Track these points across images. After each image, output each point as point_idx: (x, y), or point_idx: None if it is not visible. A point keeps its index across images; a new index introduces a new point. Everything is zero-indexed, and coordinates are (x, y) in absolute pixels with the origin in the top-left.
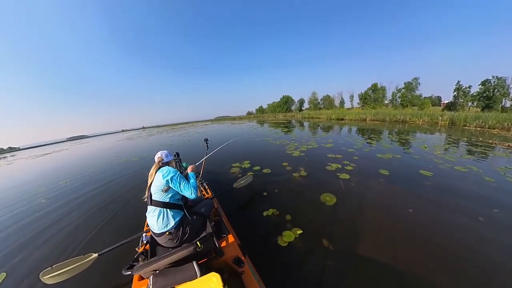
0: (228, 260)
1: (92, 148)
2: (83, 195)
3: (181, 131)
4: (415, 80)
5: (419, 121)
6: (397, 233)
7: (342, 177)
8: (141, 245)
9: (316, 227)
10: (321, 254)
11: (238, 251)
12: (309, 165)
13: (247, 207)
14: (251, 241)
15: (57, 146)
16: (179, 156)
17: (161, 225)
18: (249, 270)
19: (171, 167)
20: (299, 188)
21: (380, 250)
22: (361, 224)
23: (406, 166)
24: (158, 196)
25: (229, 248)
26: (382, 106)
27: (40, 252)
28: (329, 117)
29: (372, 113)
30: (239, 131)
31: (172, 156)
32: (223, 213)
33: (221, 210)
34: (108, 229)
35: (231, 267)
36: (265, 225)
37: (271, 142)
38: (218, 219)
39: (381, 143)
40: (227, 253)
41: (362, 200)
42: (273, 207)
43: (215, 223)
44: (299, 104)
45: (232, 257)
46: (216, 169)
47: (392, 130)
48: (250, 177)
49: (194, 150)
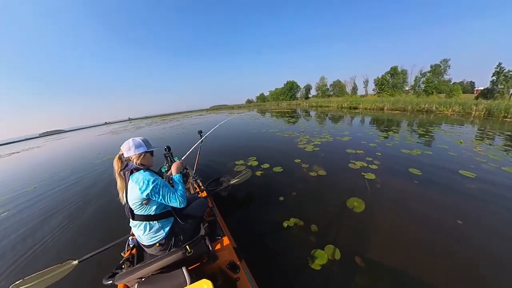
0: (222, 265)
1: (70, 145)
2: (59, 200)
3: (173, 122)
4: (444, 62)
5: (448, 111)
6: (445, 252)
7: (368, 177)
8: (127, 250)
9: (347, 240)
10: (351, 271)
11: (233, 255)
12: (327, 162)
13: (245, 206)
14: (247, 244)
15: (27, 143)
16: (170, 150)
17: (149, 238)
18: (245, 277)
19: (146, 167)
20: (320, 191)
21: (425, 273)
22: (397, 237)
23: (440, 164)
24: (140, 210)
25: (224, 252)
26: (401, 93)
27: (8, 264)
28: (340, 105)
29: (391, 101)
30: (239, 122)
31: (144, 146)
32: (218, 213)
33: (216, 209)
34: (91, 233)
35: (225, 273)
36: (288, 241)
37: (278, 134)
38: (212, 219)
39: (405, 137)
40: (221, 257)
41: (394, 207)
42: (295, 216)
43: (208, 224)
44: (305, 91)
45: (227, 262)
46: (213, 165)
47: (414, 121)
48: (249, 172)
49: (190, 143)
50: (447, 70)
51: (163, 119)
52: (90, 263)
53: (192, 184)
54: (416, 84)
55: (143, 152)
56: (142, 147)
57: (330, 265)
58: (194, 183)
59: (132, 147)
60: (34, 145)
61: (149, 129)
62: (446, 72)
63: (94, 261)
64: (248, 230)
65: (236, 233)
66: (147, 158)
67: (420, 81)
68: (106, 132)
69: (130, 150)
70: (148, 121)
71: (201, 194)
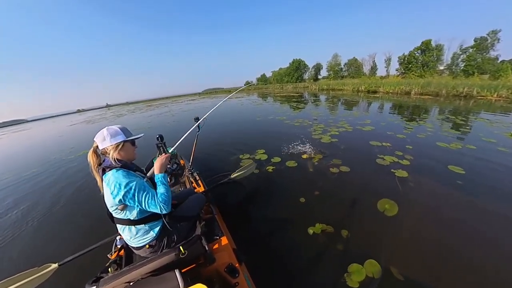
0: (219, 268)
1: (35, 137)
2: (30, 203)
3: (161, 109)
4: (493, 35)
5: (492, 96)
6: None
7: (398, 174)
8: (114, 251)
9: (384, 251)
10: (383, 280)
11: (232, 257)
12: (348, 156)
13: (247, 203)
14: (248, 246)
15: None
16: (163, 139)
17: (137, 241)
18: (245, 283)
19: (124, 163)
20: (345, 191)
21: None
22: (439, 247)
23: (488, 162)
24: (119, 215)
25: (222, 254)
26: (433, 74)
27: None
28: (356, 88)
29: (420, 84)
30: (241, 109)
31: (123, 134)
32: (216, 211)
33: (215, 207)
34: (72, 234)
35: (223, 277)
36: (318, 253)
37: (287, 122)
38: (210, 217)
39: (441, 127)
40: (219, 259)
41: (432, 211)
42: (321, 221)
43: (206, 223)
44: (315, 71)
45: (225, 265)
46: (213, 159)
47: (449, 108)
48: (253, 165)
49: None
50: (495, 44)
51: (148, 105)
52: (72, 266)
53: (188, 178)
54: (453, 62)
55: (121, 142)
56: (119, 135)
57: (369, 281)
58: (190, 177)
59: (107, 137)
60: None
61: (132, 117)
62: (493, 47)
63: (77, 264)
64: (250, 231)
65: (236, 234)
66: (126, 149)
67: (459, 58)
68: (80, 122)
69: (105, 140)
70: (131, 108)
71: (198, 189)
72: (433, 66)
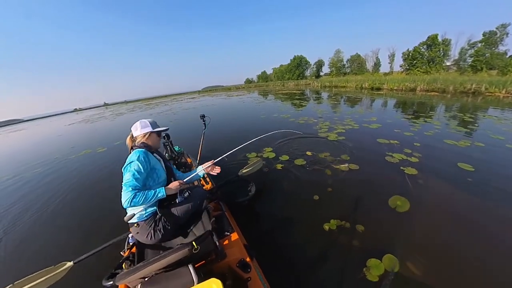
0: (231, 264)
1: (33, 137)
2: (41, 202)
3: (161, 107)
4: (502, 29)
5: (501, 93)
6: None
7: (408, 172)
8: (126, 248)
9: (400, 246)
10: (401, 274)
11: (244, 253)
12: (356, 154)
13: (258, 201)
14: (260, 241)
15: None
16: (170, 138)
17: (129, 209)
18: (256, 277)
19: (150, 148)
20: (357, 188)
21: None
22: (452, 243)
23: (499, 159)
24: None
25: (233, 250)
26: (440, 70)
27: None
28: (359, 85)
29: (425, 80)
30: (243, 107)
31: (150, 126)
32: (226, 208)
33: (224, 204)
34: (86, 233)
35: (235, 272)
36: (335, 248)
37: (291, 120)
38: (220, 214)
39: (448, 124)
40: (230, 255)
41: (443, 209)
42: (335, 217)
43: (216, 219)
44: (316, 68)
45: (237, 260)
46: (219, 155)
47: (456, 105)
48: (259, 162)
49: (188, 131)
50: (504, 39)
51: (147, 104)
52: (87, 264)
53: None
54: (461, 57)
55: (147, 132)
56: (147, 127)
57: (387, 276)
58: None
59: (138, 127)
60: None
61: (133, 116)
62: (502, 41)
63: (91, 262)
64: (262, 228)
65: (247, 230)
66: (152, 138)
67: (467, 54)
68: (78, 121)
69: (137, 130)
70: (130, 106)
71: (206, 186)
72: (440, 61)
